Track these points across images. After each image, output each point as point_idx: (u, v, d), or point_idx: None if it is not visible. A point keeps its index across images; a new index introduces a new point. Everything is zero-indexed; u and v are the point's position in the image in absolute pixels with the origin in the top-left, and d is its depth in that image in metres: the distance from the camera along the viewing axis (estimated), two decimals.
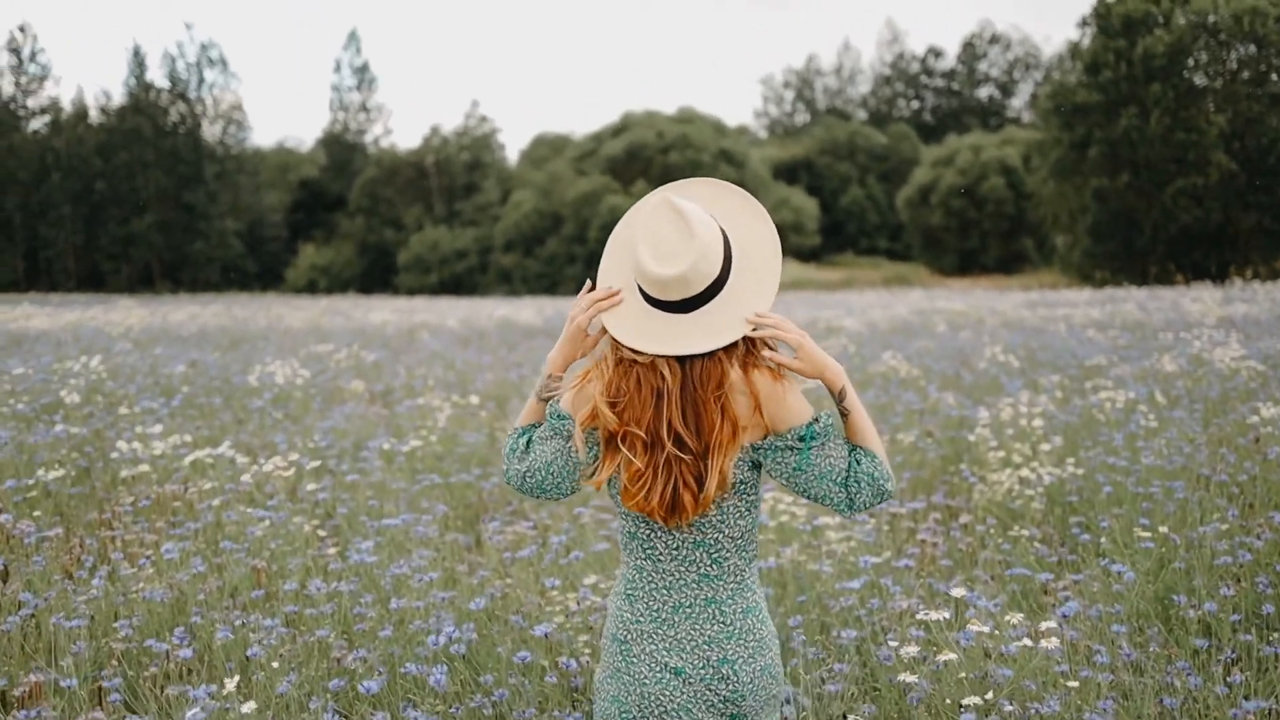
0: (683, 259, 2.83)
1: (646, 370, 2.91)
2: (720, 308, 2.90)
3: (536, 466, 3.05)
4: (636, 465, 2.90)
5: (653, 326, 2.90)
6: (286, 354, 16.17)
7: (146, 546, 6.68)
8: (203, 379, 13.07)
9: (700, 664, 2.95)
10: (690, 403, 2.89)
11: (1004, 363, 12.92)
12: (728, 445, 2.87)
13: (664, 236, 2.85)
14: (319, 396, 12.34)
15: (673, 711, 2.95)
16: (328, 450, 9.40)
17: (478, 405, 11.75)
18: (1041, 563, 6.39)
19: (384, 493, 7.76)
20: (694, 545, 2.96)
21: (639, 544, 3.02)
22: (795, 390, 2.95)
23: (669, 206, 2.87)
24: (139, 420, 9.90)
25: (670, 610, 2.97)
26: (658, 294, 2.88)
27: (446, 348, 18.39)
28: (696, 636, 2.96)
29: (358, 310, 32.74)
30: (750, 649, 2.98)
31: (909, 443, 8.91)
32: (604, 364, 2.98)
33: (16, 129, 74.53)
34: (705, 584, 2.97)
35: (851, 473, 2.92)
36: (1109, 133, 53.76)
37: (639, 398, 2.91)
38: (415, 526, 6.57)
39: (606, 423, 2.92)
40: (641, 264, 2.87)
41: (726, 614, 2.97)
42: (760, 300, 2.92)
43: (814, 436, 2.91)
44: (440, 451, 9.41)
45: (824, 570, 5.90)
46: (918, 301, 33.28)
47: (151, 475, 8.14)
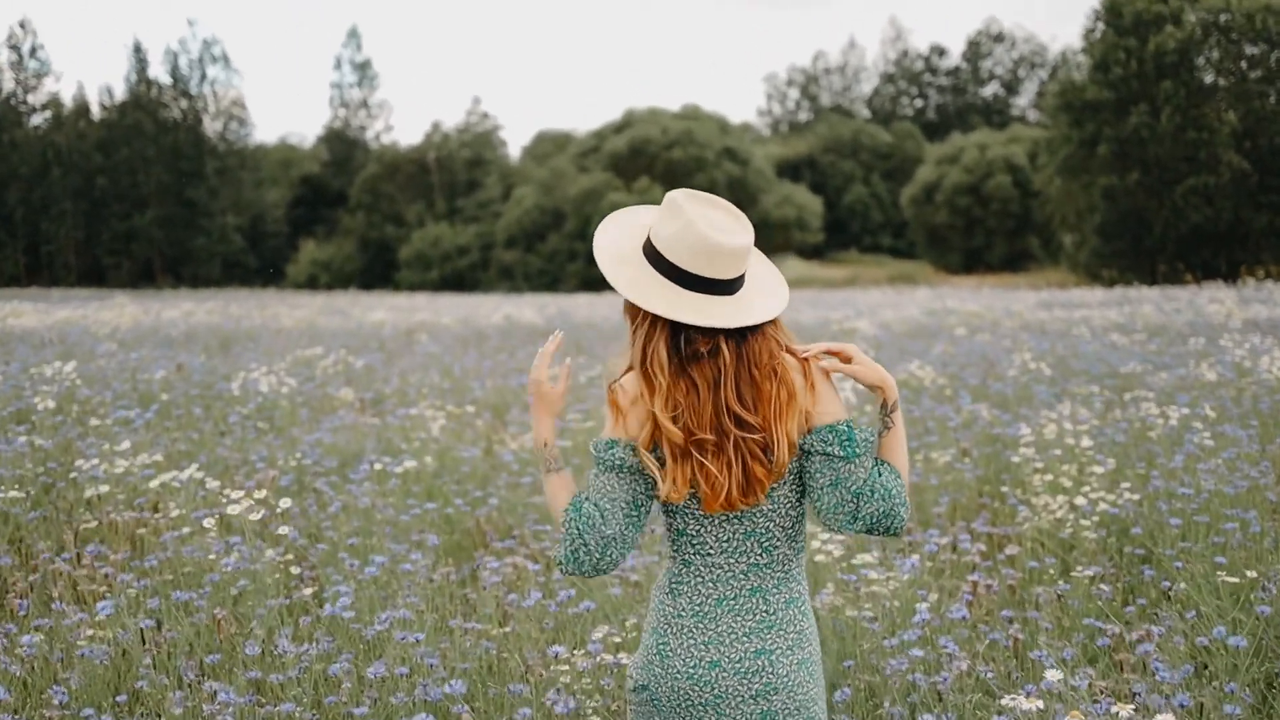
0: (743, 234, 2.90)
1: (704, 365, 2.91)
2: (753, 289, 2.97)
3: (614, 526, 2.94)
4: (711, 469, 2.88)
5: (701, 307, 2.88)
6: (276, 358, 15.43)
7: (101, 582, 5.97)
8: (185, 385, 12.32)
9: (737, 656, 2.93)
10: (745, 379, 2.90)
11: (1034, 370, 12.18)
12: (786, 409, 2.89)
13: (716, 218, 2.90)
14: (306, 406, 11.60)
15: (701, 704, 2.94)
16: (313, 468, 8.66)
17: (474, 414, 11.01)
18: (1111, 610, 5.67)
19: (371, 520, 7.03)
20: (745, 535, 2.95)
21: (688, 540, 3.00)
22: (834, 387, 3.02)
23: (699, 196, 2.93)
24: (109, 433, 9.18)
25: (714, 604, 2.96)
26: (717, 272, 2.89)
27: (444, 351, 17.63)
28: (737, 629, 2.95)
29: (356, 308, 31.99)
30: (790, 640, 2.97)
31: (944, 462, 8.18)
32: (652, 378, 2.92)
33: (18, 125, 74.68)
34: (753, 574, 2.96)
35: (869, 484, 2.92)
36: (1119, 130, 53.34)
37: (698, 399, 2.90)
38: (403, 564, 5.84)
39: (671, 437, 2.89)
40: (708, 238, 2.86)
41: (771, 603, 2.96)
42: (781, 284, 3.06)
43: (856, 451, 2.91)
44: (436, 468, 8.69)
45: (864, 618, 5.19)
46: (927, 301, 32.55)
47: (118, 495, 7.43)
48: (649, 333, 2.93)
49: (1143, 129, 52.61)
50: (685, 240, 2.89)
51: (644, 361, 2.93)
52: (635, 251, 3.01)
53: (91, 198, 73.87)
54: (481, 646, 4.91)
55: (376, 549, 6.33)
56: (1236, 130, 52.22)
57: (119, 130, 74.90)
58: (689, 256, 2.90)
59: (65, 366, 10.09)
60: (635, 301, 2.92)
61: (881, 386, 3.00)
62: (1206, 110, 52.87)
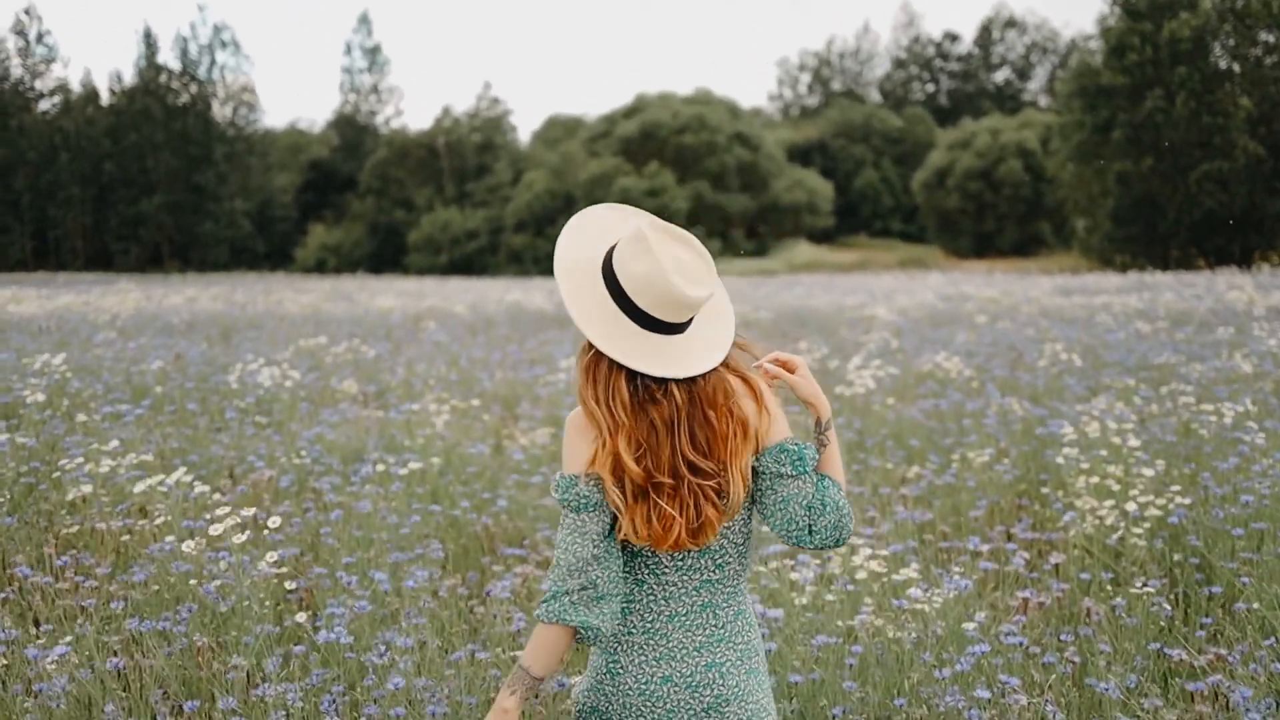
0: (709, 279, 2.86)
1: (660, 405, 2.87)
2: (703, 321, 2.94)
3: (601, 566, 2.87)
4: (668, 510, 2.84)
5: (657, 350, 2.85)
6: (278, 347, 14.96)
7: (82, 595, 5.53)
8: (181, 377, 11.84)
9: (688, 670, 2.93)
10: (699, 424, 2.87)
11: (1065, 361, 11.70)
12: (741, 447, 2.88)
13: (685, 261, 2.84)
14: (307, 399, 11.13)
15: (665, 718, 2.91)
16: (312, 467, 8.19)
17: (481, 407, 10.54)
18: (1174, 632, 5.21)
19: (372, 526, 6.57)
20: (700, 554, 2.95)
21: (642, 561, 2.96)
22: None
23: (669, 232, 2.87)
24: (98, 430, 8.73)
25: (665, 620, 2.95)
26: (674, 317, 2.85)
27: (452, 340, 17.15)
28: (687, 643, 2.94)
29: (363, 293, 31.50)
30: (739, 653, 2.97)
31: (980, 463, 7.70)
32: (618, 418, 2.85)
33: (26, 110, 74.59)
34: (704, 590, 2.96)
35: (818, 498, 2.93)
36: (1133, 116, 52.93)
37: (655, 440, 2.86)
38: (406, 579, 5.39)
39: (634, 477, 2.84)
40: (674, 289, 2.80)
41: (720, 618, 2.97)
42: (728, 310, 3.02)
43: (806, 469, 2.92)
44: (442, 466, 8.24)
45: (909, 640, 4.74)
46: (942, 286, 32.08)
47: (103, 497, 6.98)
48: (610, 370, 2.87)
49: (1157, 114, 52.16)
50: (654, 287, 2.82)
51: (607, 399, 2.87)
52: (594, 273, 2.93)
53: (99, 183, 73.93)
54: (490, 676, 4.46)
55: (377, 562, 5.88)
56: (1251, 115, 51.77)
57: (128, 116, 74.89)
58: (653, 302, 2.84)
59: (55, 359, 9.63)
60: (597, 345, 2.84)
61: (814, 404, 3.01)
62: (1221, 95, 52.40)
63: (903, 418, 9.68)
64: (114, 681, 4.47)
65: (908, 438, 9.18)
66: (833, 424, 3.07)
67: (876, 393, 10.52)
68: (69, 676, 4.31)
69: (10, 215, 72.88)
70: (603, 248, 2.96)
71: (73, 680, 4.37)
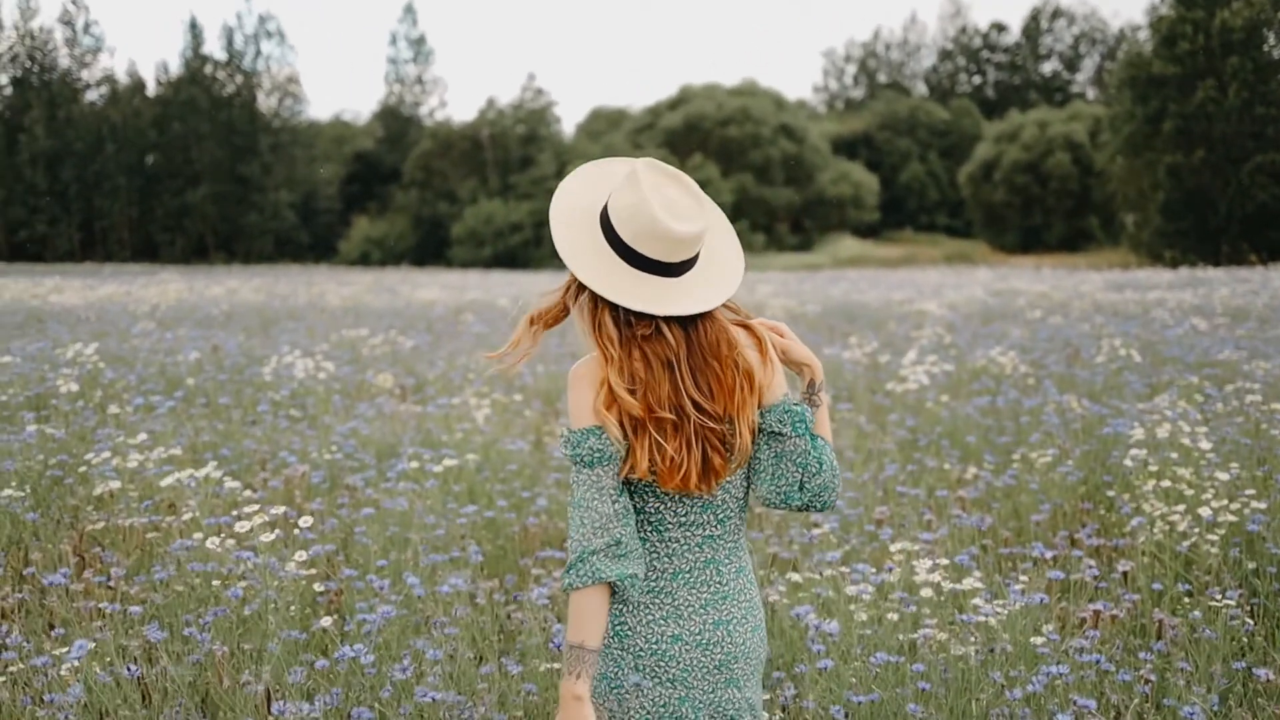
0: (698, 220, 2.81)
1: (653, 344, 2.82)
2: (705, 267, 2.89)
3: (621, 522, 2.80)
4: (667, 449, 2.79)
5: (650, 292, 2.80)
6: (318, 339, 14.73)
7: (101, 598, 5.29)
8: (216, 369, 11.61)
9: (697, 629, 2.89)
10: (700, 369, 2.83)
11: (1124, 357, 11.31)
12: (748, 400, 2.84)
13: (674, 198, 2.81)
14: (342, 393, 10.88)
15: (667, 682, 2.87)
16: (345, 463, 7.92)
17: (522, 402, 10.26)
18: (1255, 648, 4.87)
19: (406, 525, 6.30)
20: (702, 508, 2.91)
21: (645, 518, 2.91)
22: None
23: (663, 171, 2.84)
24: (128, 422, 8.49)
25: (669, 578, 2.90)
26: (664, 255, 2.80)
27: (493, 331, 16.88)
28: (694, 600, 2.90)
29: (405, 285, 31.32)
30: (744, 609, 2.94)
31: (1043, 463, 7.35)
32: (608, 351, 2.82)
33: (73, 100, 74.95)
34: (707, 546, 2.92)
35: (815, 456, 2.90)
36: (1184, 107, 52.11)
37: (653, 376, 2.80)
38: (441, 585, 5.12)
39: (628, 409, 2.78)
40: (658, 221, 2.77)
41: (723, 574, 2.93)
42: (738, 256, 2.98)
43: (807, 429, 2.90)
44: (480, 462, 7.96)
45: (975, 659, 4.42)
46: (991, 281, 31.59)
47: (131, 492, 6.74)
48: (594, 301, 2.85)
49: (1209, 105, 51.36)
50: (636, 219, 2.80)
51: (594, 330, 2.85)
52: (591, 212, 2.91)
53: (145, 174, 74.33)
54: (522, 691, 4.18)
55: (411, 563, 5.61)
56: None
57: (173, 106, 75.20)
58: (636, 235, 2.81)
59: (87, 348, 9.42)
60: (572, 269, 2.83)
61: (809, 364, 3.01)
62: (1275, 86, 51.57)
63: (957, 415, 9.35)
64: (132, 690, 4.21)
65: (963, 436, 8.84)
66: (824, 385, 3.05)
67: (929, 389, 10.18)
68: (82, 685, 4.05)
69: (58, 206, 73.40)
70: (603, 196, 2.93)
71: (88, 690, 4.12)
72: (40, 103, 73.95)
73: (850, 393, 10.91)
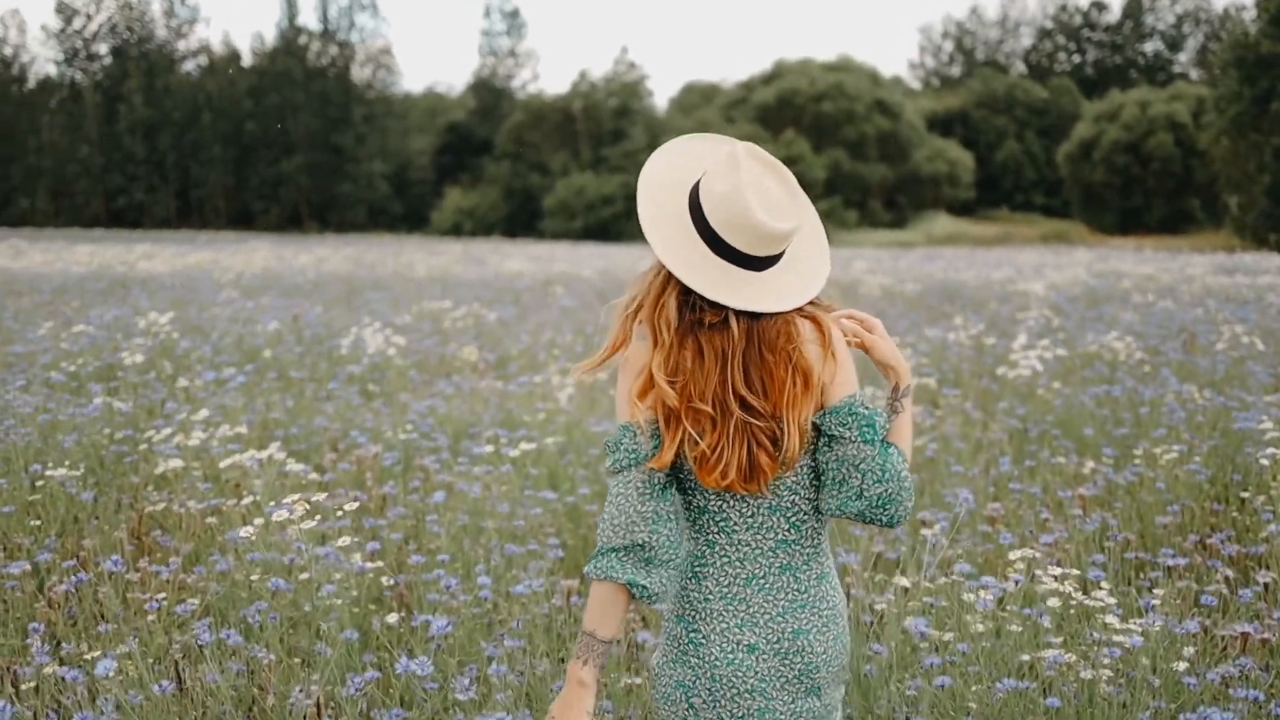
0: (791, 217, 2.69)
1: (713, 334, 2.69)
2: (789, 266, 2.76)
3: (650, 527, 2.69)
4: (703, 445, 2.66)
5: (729, 283, 2.67)
6: (401, 310, 14.37)
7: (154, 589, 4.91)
8: (294, 340, 11.25)
9: (774, 637, 2.77)
10: (754, 363, 2.69)
11: (1246, 344, 10.64)
12: (801, 398, 2.68)
13: (770, 190, 2.68)
14: (421, 367, 10.47)
15: (745, 692, 2.75)
16: (420, 444, 7.49)
17: (608, 381, 9.80)
18: None
19: (481, 512, 5.87)
20: (770, 511, 2.77)
21: (710, 518, 2.79)
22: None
23: (764, 161, 2.71)
24: (196, 396, 8.14)
25: (742, 584, 2.78)
26: (749, 247, 2.67)
27: (581, 305, 16.44)
28: (770, 609, 2.77)
29: (494, 257, 31.02)
30: (824, 618, 2.81)
31: (1168, 460, 6.76)
32: (661, 336, 2.69)
33: (170, 71, 75.91)
34: (781, 550, 2.79)
35: (878, 463, 2.71)
36: None
37: (701, 368, 2.68)
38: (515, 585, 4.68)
39: (665, 398, 2.66)
40: (752, 214, 2.64)
41: (801, 581, 2.80)
42: (824, 258, 2.85)
43: (875, 437, 2.72)
44: (563, 444, 7.53)
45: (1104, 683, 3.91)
46: (1092, 262, 30.72)
47: (195, 470, 6.39)
48: (664, 282, 2.73)
49: None
50: (729, 207, 2.68)
51: (654, 311, 2.73)
52: (681, 190, 2.78)
53: (241, 143, 75.16)
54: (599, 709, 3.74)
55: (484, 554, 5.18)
56: None
57: (269, 77, 76.03)
58: (724, 223, 2.69)
59: (162, 317, 9.10)
60: (654, 249, 2.70)
61: (894, 368, 2.87)
62: None
63: (1071, 404, 8.76)
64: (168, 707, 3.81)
65: (1078, 427, 8.26)
66: (910, 391, 2.88)
67: (1040, 375, 9.59)
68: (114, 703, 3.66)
69: (156, 174, 74.58)
70: (694, 174, 2.79)
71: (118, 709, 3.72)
72: (138, 72, 74.98)
73: (956, 377, 10.35)
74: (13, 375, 9.07)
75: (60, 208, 73.80)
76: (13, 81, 77.05)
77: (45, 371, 9.08)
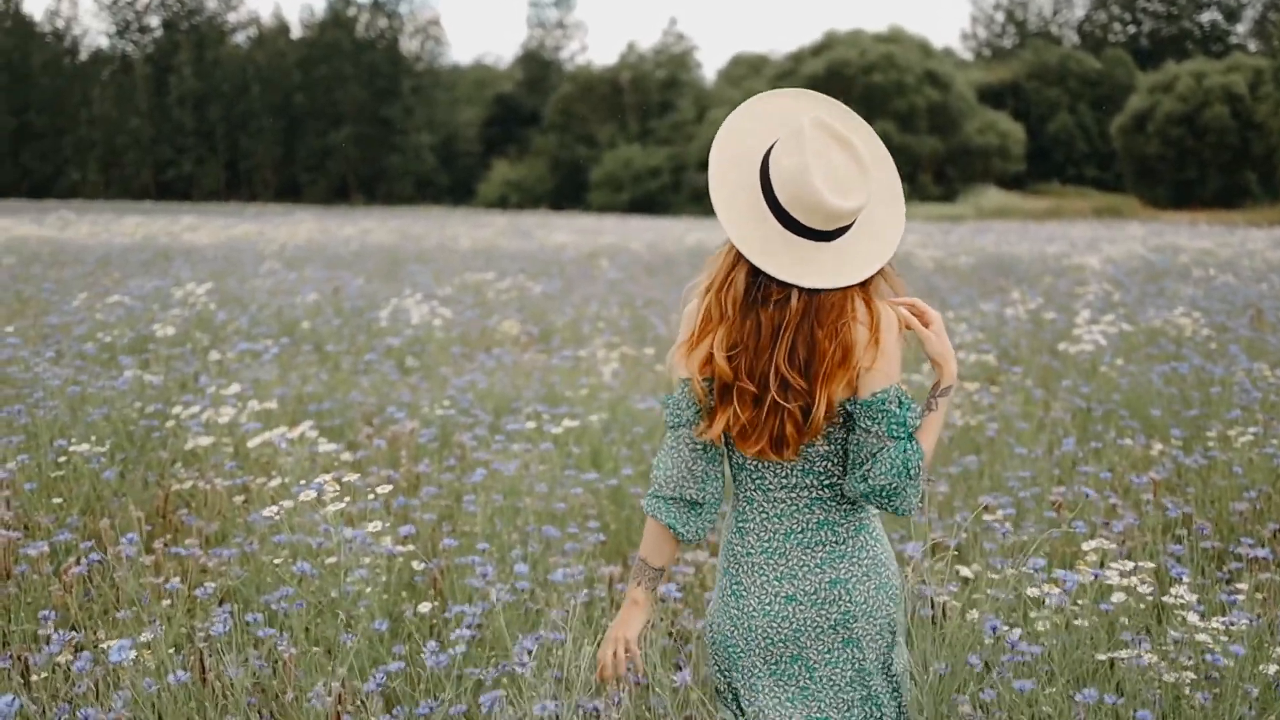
0: (859, 192, 2.70)
1: (774, 308, 2.74)
2: (860, 236, 2.77)
3: (695, 483, 2.87)
4: (744, 418, 2.76)
5: (795, 257, 2.71)
6: (443, 282, 14.11)
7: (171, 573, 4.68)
8: (334, 312, 11.00)
9: (812, 588, 2.84)
10: (804, 337, 2.74)
11: None
12: (836, 371, 2.73)
13: (838, 165, 2.68)
14: (462, 341, 10.20)
15: (779, 640, 2.85)
16: (458, 419, 7.23)
17: (654, 357, 9.50)
18: None
19: (518, 491, 5.60)
20: (804, 473, 2.86)
21: (748, 475, 2.90)
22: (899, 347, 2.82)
23: (833, 133, 2.70)
24: (229, 369, 7.91)
25: (781, 538, 2.87)
26: (817, 223, 2.70)
27: (627, 278, 16.14)
28: (809, 560, 2.86)
29: (540, 229, 30.73)
30: (864, 568, 2.86)
31: (1243, 442, 6.41)
32: (726, 311, 2.78)
33: (220, 43, 76.15)
34: (817, 506, 2.87)
35: (895, 453, 2.75)
36: None
37: (755, 344, 2.76)
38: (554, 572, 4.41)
39: (721, 374, 2.77)
40: (818, 193, 2.65)
41: (839, 533, 2.87)
42: (897, 229, 2.84)
43: (902, 432, 2.76)
44: (606, 421, 7.25)
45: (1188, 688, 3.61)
46: (1147, 236, 30.09)
47: (226, 446, 6.16)
48: (735, 259, 2.79)
49: None
50: (795, 185, 2.69)
51: (720, 289, 2.81)
52: (753, 160, 2.81)
53: (290, 115, 75.19)
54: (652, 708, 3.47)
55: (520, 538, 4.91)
56: None
57: (318, 48, 76.10)
58: (792, 201, 2.71)
59: (199, 288, 8.89)
60: (725, 229, 2.76)
61: (942, 364, 2.86)
62: None
63: (1137, 382, 8.40)
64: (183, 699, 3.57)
65: (1145, 407, 7.90)
66: (950, 391, 2.89)
67: (1104, 351, 9.23)
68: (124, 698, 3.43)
69: (205, 146, 74.89)
70: (767, 142, 2.81)
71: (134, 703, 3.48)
72: (188, 44, 75.24)
73: (1015, 354, 9.99)
74: (46, 346, 8.90)
75: (110, 180, 74.22)
76: (65, 54, 77.46)
77: (80, 343, 8.89)
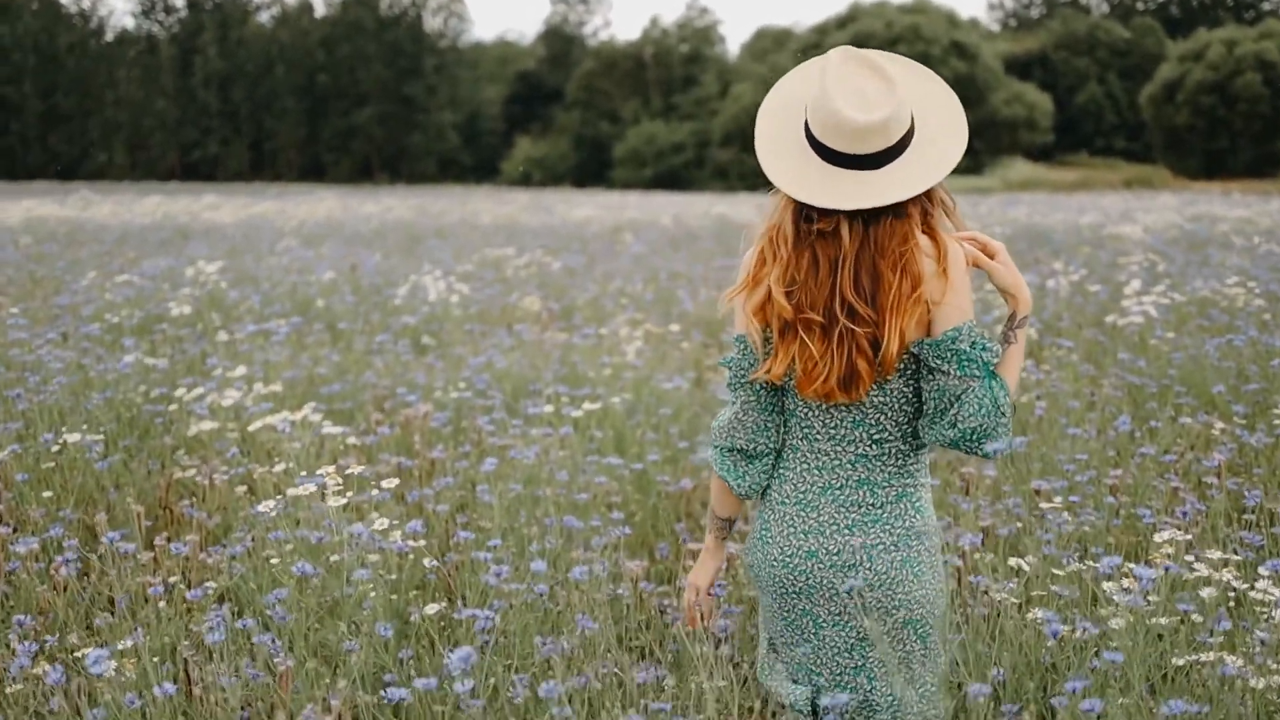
0: (885, 104, 2.63)
1: (825, 241, 2.70)
2: (912, 159, 2.68)
3: (750, 435, 2.88)
4: (813, 351, 2.70)
5: (832, 182, 2.65)
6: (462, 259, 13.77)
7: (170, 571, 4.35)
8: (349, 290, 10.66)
9: (837, 549, 2.80)
10: (866, 267, 2.68)
11: None
12: (906, 303, 2.64)
13: (862, 88, 2.65)
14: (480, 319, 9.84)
15: (793, 594, 2.84)
16: (474, 401, 6.86)
17: (680, 334, 9.10)
18: None
19: (535, 479, 5.24)
20: (854, 424, 2.80)
21: (797, 422, 2.85)
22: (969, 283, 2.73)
23: (859, 59, 2.71)
24: (238, 350, 7.58)
25: (818, 492, 2.83)
26: (851, 146, 2.63)
27: (651, 252, 15.76)
28: (839, 520, 2.81)
29: (563, 205, 30.37)
30: (895, 536, 2.79)
31: None
32: (779, 251, 2.73)
33: (244, 22, 76.27)
34: (860, 464, 2.82)
35: (977, 392, 2.67)
36: None
37: (815, 278, 2.70)
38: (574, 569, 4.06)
39: (781, 312, 2.72)
40: (838, 113, 2.62)
41: (878, 496, 2.81)
42: (955, 144, 2.76)
43: (975, 369, 2.67)
44: (631, 403, 6.89)
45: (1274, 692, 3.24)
46: (1181, 206, 29.53)
47: (230, 432, 5.83)
48: (783, 198, 2.75)
49: None
50: (822, 112, 2.66)
51: (771, 230, 2.76)
52: (795, 108, 2.78)
53: (313, 94, 75.16)
54: None
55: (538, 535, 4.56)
56: None
57: (341, 27, 76.13)
58: (822, 128, 2.67)
59: (209, 266, 8.55)
60: (761, 165, 2.73)
61: (1015, 294, 2.78)
62: None
63: (1190, 357, 7.97)
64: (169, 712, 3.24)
65: (1203, 383, 7.48)
66: (1027, 322, 2.80)
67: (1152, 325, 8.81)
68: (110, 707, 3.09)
69: (229, 127, 75.00)
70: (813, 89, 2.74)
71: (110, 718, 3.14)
72: (213, 24, 75.26)
73: (1060, 327, 9.57)
74: (52, 328, 8.59)
75: (136, 161, 74.27)
76: (91, 35, 77.44)
77: (88, 323, 8.59)
